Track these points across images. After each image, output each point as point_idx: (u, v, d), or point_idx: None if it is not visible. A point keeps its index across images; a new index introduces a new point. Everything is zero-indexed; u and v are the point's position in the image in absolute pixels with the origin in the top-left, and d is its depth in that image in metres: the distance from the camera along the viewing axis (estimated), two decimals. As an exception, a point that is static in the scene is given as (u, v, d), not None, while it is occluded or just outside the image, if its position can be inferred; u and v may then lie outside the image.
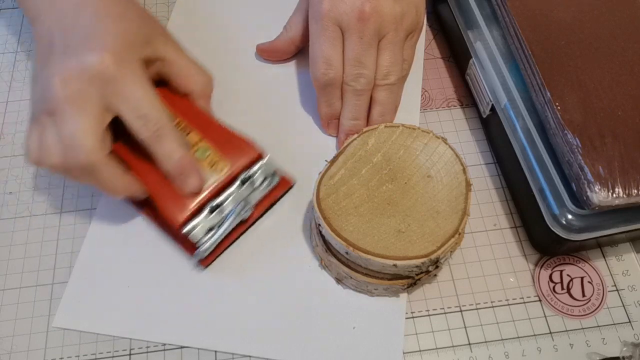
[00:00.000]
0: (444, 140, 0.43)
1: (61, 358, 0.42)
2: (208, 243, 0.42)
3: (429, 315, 0.43)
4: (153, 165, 0.42)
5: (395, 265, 0.38)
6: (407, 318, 0.43)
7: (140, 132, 0.40)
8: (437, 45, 0.57)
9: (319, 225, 0.41)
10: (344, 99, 0.48)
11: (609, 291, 0.44)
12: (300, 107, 0.52)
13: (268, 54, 0.54)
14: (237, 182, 0.43)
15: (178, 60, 0.45)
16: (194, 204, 0.42)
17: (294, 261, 0.45)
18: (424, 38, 0.57)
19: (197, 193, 0.42)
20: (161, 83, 0.45)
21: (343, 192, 0.41)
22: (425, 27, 0.57)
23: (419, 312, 0.43)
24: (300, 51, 0.54)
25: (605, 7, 0.47)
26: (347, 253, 0.39)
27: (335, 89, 0.48)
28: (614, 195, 0.39)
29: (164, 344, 0.42)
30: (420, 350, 0.42)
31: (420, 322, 0.43)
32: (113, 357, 0.42)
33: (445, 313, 0.43)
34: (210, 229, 0.43)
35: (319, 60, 0.47)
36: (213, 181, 0.42)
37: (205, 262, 0.44)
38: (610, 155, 0.40)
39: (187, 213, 0.41)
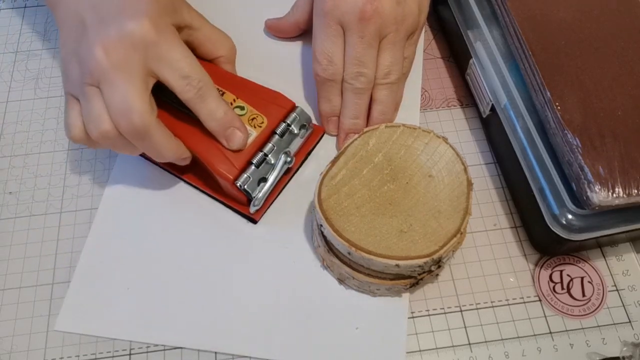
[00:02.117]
0: (445, 139, 0.43)
1: (61, 358, 0.41)
2: (261, 193, 0.44)
3: (429, 315, 0.43)
4: (195, 129, 0.43)
5: (397, 266, 0.38)
6: (407, 318, 0.43)
7: (185, 91, 0.41)
8: (437, 45, 0.57)
9: (321, 226, 0.40)
10: (344, 97, 0.48)
11: (609, 291, 0.44)
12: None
13: (273, 31, 0.55)
14: (277, 134, 0.45)
15: (204, 27, 0.46)
16: (242, 158, 0.43)
17: (296, 262, 0.45)
18: (424, 38, 0.57)
19: (243, 147, 0.43)
20: None
21: (345, 192, 0.41)
22: (425, 27, 0.57)
23: (419, 312, 0.43)
24: (300, 53, 0.55)
25: (606, 7, 0.47)
26: (349, 253, 0.39)
27: (334, 85, 0.48)
28: (614, 195, 0.39)
29: (165, 345, 0.42)
30: (420, 350, 0.42)
31: (421, 322, 0.43)
32: (113, 357, 0.42)
33: (445, 313, 0.43)
34: (261, 180, 0.44)
35: (320, 56, 0.47)
36: (255, 135, 0.44)
37: (258, 214, 0.46)
38: (610, 155, 0.40)
39: (239, 167, 0.43)
